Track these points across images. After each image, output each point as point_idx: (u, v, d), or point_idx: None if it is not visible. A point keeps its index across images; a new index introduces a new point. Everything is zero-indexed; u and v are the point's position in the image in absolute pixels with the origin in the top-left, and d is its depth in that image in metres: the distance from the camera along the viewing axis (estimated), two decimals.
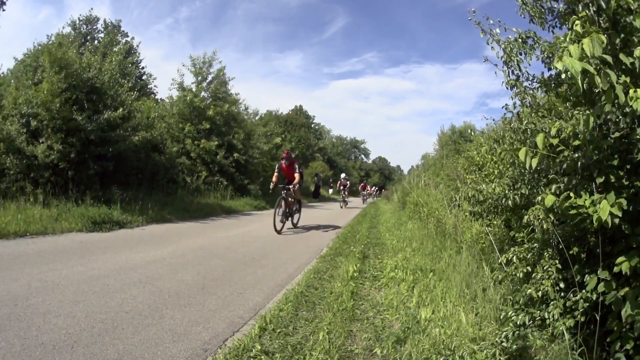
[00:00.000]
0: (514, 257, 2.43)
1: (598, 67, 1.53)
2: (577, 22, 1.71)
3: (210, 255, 4.70)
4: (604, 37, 1.51)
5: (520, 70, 2.49)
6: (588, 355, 1.80)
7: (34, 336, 2.13)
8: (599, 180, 1.84)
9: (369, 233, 7.56)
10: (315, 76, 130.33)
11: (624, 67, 1.68)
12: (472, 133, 9.29)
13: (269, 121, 24.07)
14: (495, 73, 2.62)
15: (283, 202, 7.30)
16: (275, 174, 7.84)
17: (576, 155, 1.95)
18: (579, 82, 1.52)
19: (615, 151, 1.87)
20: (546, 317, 2.02)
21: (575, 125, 1.89)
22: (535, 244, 2.35)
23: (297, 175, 7.71)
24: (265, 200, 14.17)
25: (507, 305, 2.36)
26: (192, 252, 4.79)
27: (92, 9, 24.47)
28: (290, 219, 7.78)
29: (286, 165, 7.87)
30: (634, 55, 1.61)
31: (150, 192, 9.50)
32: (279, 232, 6.98)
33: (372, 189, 36.76)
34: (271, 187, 7.62)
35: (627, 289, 1.69)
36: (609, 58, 1.50)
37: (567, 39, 1.81)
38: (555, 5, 2.60)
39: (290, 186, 7.52)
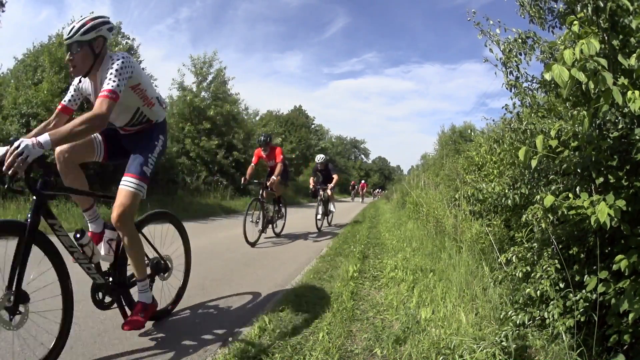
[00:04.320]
0: (514, 257, 2.43)
1: (596, 70, 1.53)
2: (575, 22, 1.71)
3: (210, 256, 4.70)
4: (597, 43, 1.51)
5: (519, 71, 2.49)
6: (587, 355, 1.80)
7: (34, 336, 2.13)
8: (599, 181, 1.84)
9: (369, 233, 7.55)
10: (315, 76, 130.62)
11: (623, 67, 1.67)
12: (472, 133, 9.28)
13: (269, 121, 24.07)
14: (495, 73, 2.61)
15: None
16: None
17: (575, 155, 1.95)
18: (564, 92, 1.52)
19: (614, 151, 1.87)
20: (546, 316, 2.02)
21: (574, 125, 1.89)
22: (535, 244, 2.35)
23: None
24: None
25: (507, 305, 2.36)
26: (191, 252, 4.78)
27: (92, 12, 24.56)
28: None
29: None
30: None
31: (150, 192, 9.50)
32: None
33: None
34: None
35: (626, 282, 1.69)
36: (603, 61, 1.50)
37: (565, 40, 1.81)
38: (555, 6, 2.60)
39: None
